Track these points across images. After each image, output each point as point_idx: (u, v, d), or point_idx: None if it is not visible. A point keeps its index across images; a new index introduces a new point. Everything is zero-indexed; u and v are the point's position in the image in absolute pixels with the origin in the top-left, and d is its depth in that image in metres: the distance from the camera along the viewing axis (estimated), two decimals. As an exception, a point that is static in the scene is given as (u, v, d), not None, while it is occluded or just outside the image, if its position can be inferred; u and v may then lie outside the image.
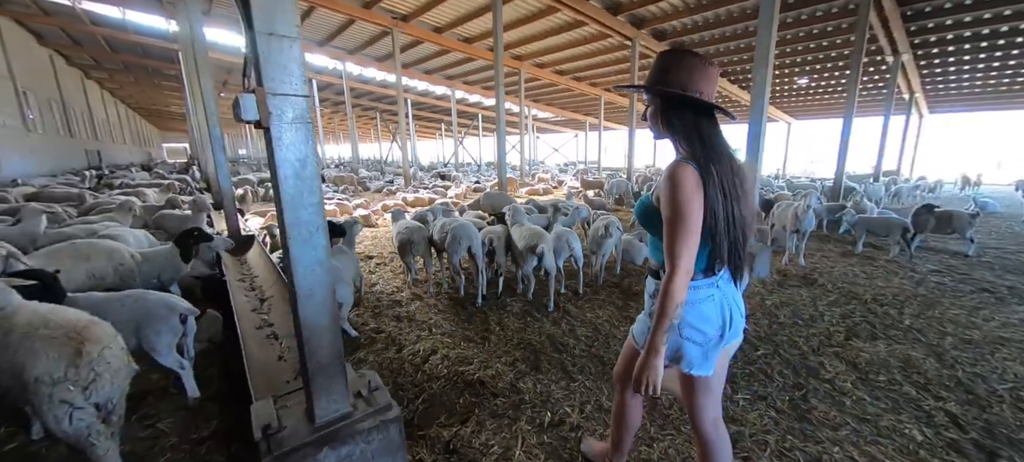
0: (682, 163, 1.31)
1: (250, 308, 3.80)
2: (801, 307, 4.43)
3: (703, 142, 1.35)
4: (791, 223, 6.07)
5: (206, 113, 5.84)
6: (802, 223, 5.98)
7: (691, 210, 1.27)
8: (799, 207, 6.00)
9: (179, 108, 32.34)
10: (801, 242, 6.12)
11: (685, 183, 1.27)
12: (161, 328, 2.70)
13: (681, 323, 1.40)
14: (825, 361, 3.33)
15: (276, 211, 1.76)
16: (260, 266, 5.14)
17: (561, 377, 3.09)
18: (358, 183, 16.00)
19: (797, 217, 6.00)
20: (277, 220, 1.75)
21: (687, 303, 1.37)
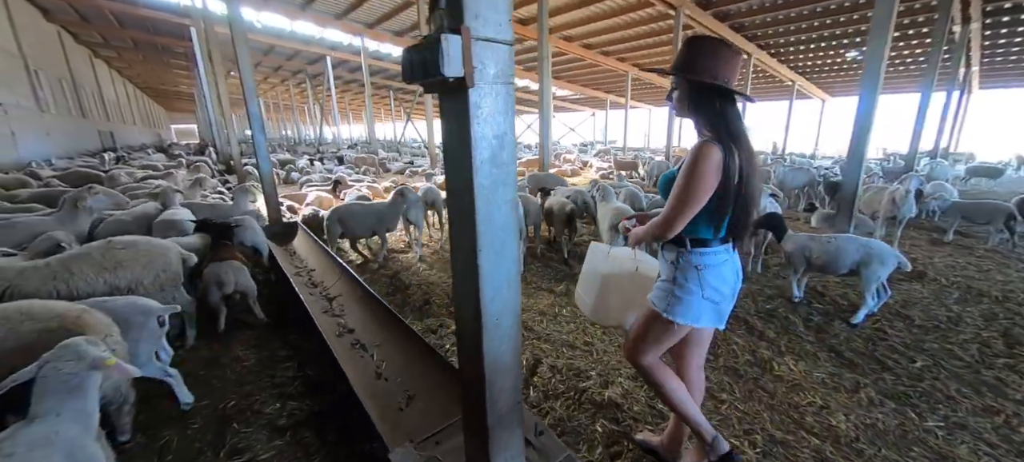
0: (710, 143, 1.43)
1: (321, 310, 3.35)
2: (930, 307, 3.91)
3: (727, 126, 1.46)
4: (886, 209, 5.50)
5: (244, 90, 5.30)
6: (901, 209, 5.40)
7: (704, 187, 1.42)
8: (897, 191, 5.42)
9: (188, 88, 31.75)
10: (898, 230, 5.56)
11: (708, 161, 1.41)
12: (139, 336, 2.21)
13: (704, 286, 1.56)
14: (1003, 376, 2.84)
15: (454, 209, 1.27)
16: (312, 256, 4.70)
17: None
18: (379, 164, 15.46)
19: (895, 202, 5.42)
20: (458, 222, 1.26)
21: (709, 266, 1.56)
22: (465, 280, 1.29)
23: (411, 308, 3.98)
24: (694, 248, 1.56)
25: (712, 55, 1.45)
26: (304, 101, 36.08)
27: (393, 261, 5.31)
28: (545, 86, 8.92)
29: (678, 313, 1.57)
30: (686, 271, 1.56)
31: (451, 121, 1.15)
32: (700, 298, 1.56)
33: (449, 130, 1.18)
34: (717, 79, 1.45)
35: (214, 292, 3.28)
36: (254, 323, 3.52)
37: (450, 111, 1.15)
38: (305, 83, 26.72)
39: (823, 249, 3.67)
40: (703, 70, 1.45)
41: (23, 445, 1.22)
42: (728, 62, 1.46)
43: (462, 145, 1.13)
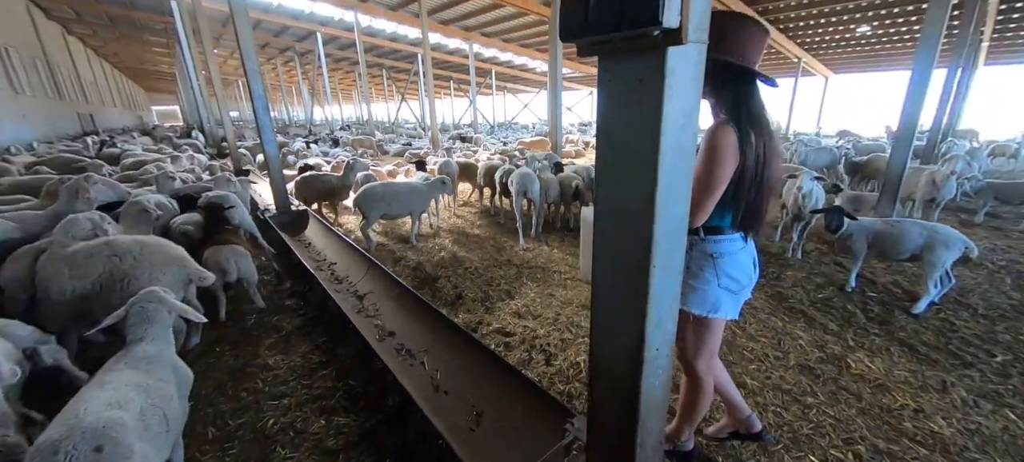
0: (725, 126, 1.34)
1: (353, 309, 3.06)
2: (988, 294, 3.75)
3: (749, 109, 1.39)
4: (925, 191, 5.31)
5: (245, 68, 4.86)
6: (940, 191, 5.22)
7: (724, 171, 1.33)
8: (938, 173, 5.22)
9: (168, 67, 30.37)
10: (935, 213, 5.38)
11: (725, 145, 1.32)
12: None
13: (720, 274, 1.50)
14: (1093, 370, 2.68)
15: (611, 214, 0.98)
16: (331, 248, 4.37)
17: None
18: (376, 146, 14.95)
19: (935, 184, 5.23)
20: (614, 232, 0.98)
21: (726, 254, 1.50)
22: (621, 307, 1.01)
23: (443, 302, 3.72)
24: (707, 236, 1.50)
25: (739, 33, 1.35)
26: (292, 81, 34.86)
27: (403, 247, 5.01)
28: (557, 65, 8.50)
29: (694, 302, 1.54)
30: (700, 261, 1.52)
31: (630, 93, 0.85)
32: (716, 287, 1.52)
33: (620, 107, 0.88)
34: (743, 59, 1.35)
35: (215, 279, 3.00)
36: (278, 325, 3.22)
37: (628, 80, 0.85)
38: (294, 61, 25.69)
39: (887, 233, 3.46)
40: (729, 49, 1.34)
41: (141, 359, 1.63)
42: (755, 41, 1.37)
43: (645, 128, 0.84)
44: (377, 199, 4.78)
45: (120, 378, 1.49)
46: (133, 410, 1.40)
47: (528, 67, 27.50)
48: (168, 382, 1.63)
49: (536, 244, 5.23)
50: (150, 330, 1.73)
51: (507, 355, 2.90)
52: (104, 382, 1.46)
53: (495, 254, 4.84)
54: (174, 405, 1.60)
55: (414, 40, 21.15)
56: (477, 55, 22.58)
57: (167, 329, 1.80)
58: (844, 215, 3.47)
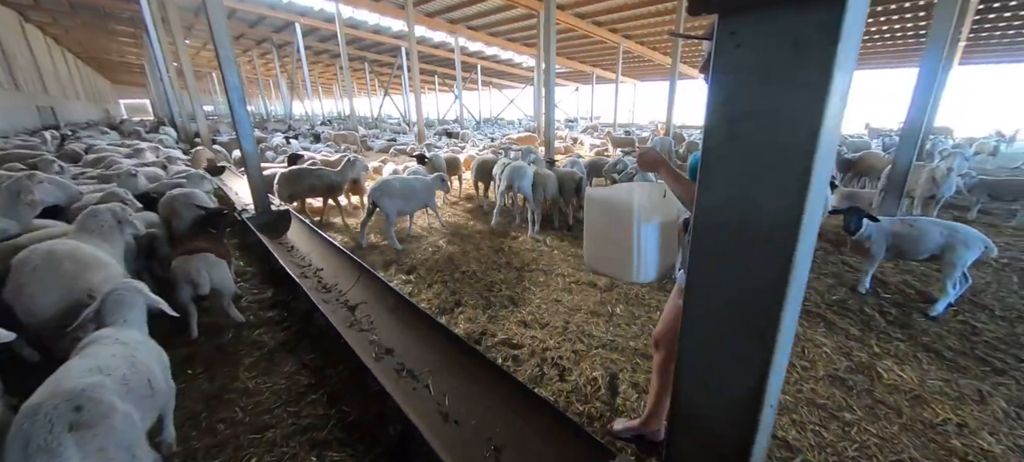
0: None
1: (344, 322, 2.76)
2: (1000, 294, 3.69)
3: None
4: (925, 188, 5.27)
5: (219, 58, 4.45)
6: (941, 188, 5.19)
7: None
8: (938, 170, 5.18)
9: (136, 58, 28.90)
10: (934, 210, 5.35)
11: None
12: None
13: None
14: (1124, 375, 2.59)
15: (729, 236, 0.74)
16: (316, 252, 4.04)
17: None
18: (360, 142, 14.44)
19: (935, 181, 5.19)
20: (736, 258, 0.73)
21: None
22: (731, 348, 0.77)
23: (441, 310, 3.44)
24: None
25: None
26: (270, 74, 33.70)
27: (382, 249, 4.69)
28: (550, 58, 8.25)
29: None
30: None
31: (776, 63, 0.61)
32: None
33: (754, 83, 0.64)
34: None
35: (185, 291, 2.74)
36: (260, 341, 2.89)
37: (773, 46, 0.60)
38: (271, 53, 24.73)
39: (907, 234, 3.34)
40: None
41: (120, 338, 1.67)
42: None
43: (796, 110, 0.60)
44: (396, 193, 4.66)
45: (102, 350, 1.57)
46: (115, 375, 1.47)
47: (514, 62, 27.19)
48: (149, 357, 1.72)
49: (535, 244, 4.99)
50: (125, 314, 1.83)
51: (516, 370, 2.65)
52: (86, 354, 1.55)
53: (493, 256, 4.58)
54: (157, 376, 1.68)
55: (398, 33, 20.59)
56: (463, 49, 22.17)
57: (142, 314, 1.91)
58: (864, 216, 3.33)
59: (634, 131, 20.31)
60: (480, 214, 6.33)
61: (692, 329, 0.84)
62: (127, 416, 1.39)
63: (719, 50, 0.66)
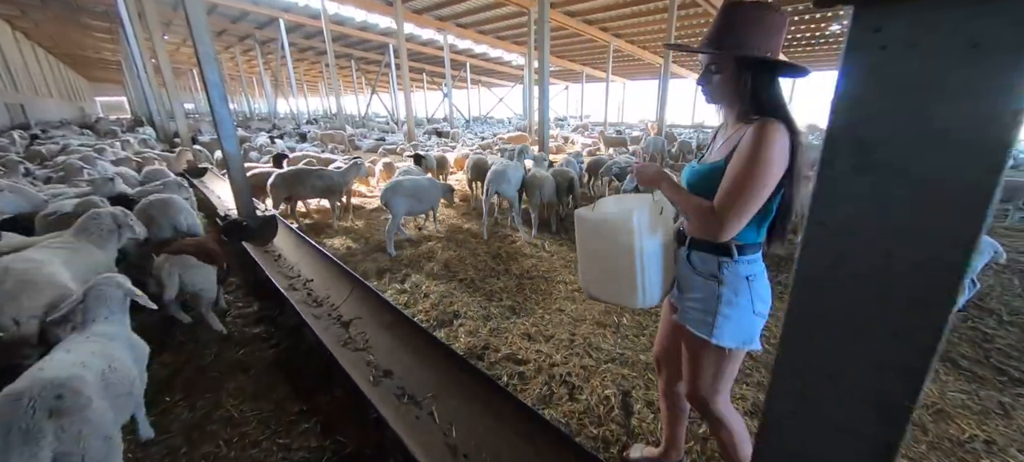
0: (775, 123, 1.15)
1: (337, 340, 2.57)
2: (1005, 297, 3.66)
3: (779, 107, 1.21)
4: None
5: (198, 54, 4.19)
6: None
7: (772, 177, 1.16)
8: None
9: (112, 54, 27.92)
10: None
11: (778, 146, 1.14)
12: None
13: (755, 298, 1.31)
14: None
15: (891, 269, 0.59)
16: (305, 261, 3.82)
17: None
18: (348, 142, 14.12)
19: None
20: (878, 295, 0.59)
21: (758, 275, 1.32)
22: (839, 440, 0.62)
23: (439, 323, 3.27)
24: (741, 256, 1.29)
25: (761, 24, 1.18)
26: (253, 71, 32.92)
27: (374, 257, 4.49)
28: (544, 55, 8.11)
29: (727, 335, 1.30)
30: (736, 284, 1.30)
31: (940, 67, 0.46)
32: (751, 314, 1.31)
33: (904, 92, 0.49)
34: (769, 53, 1.19)
35: (165, 292, 2.63)
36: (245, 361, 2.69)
37: (937, 45, 0.45)
38: (254, 50, 24.11)
39: (915, 240, 3.27)
40: (755, 44, 1.18)
41: (101, 334, 1.77)
42: (779, 31, 1.21)
43: (967, 130, 0.45)
44: (407, 194, 4.64)
45: (83, 347, 1.64)
46: (94, 370, 1.55)
47: (503, 60, 27.00)
48: (130, 354, 1.81)
49: (533, 249, 4.84)
50: (106, 310, 1.87)
51: (524, 390, 2.50)
52: (69, 348, 1.62)
53: (491, 263, 4.41)
54: (133, 374, 1.75)
55: (385, 30, 20.25)
56: (452, 47, 21.90)
57: (124, 308, 1.95)
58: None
59: (625, 130, 20.33)
60: (475, 217, 6.16)
61: (781, 391, 0.69)
62: (103, 410, 1.46)
63: (854, 51, 0.51)
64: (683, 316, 1.40)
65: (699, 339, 1.34)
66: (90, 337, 1.72)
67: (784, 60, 1.23)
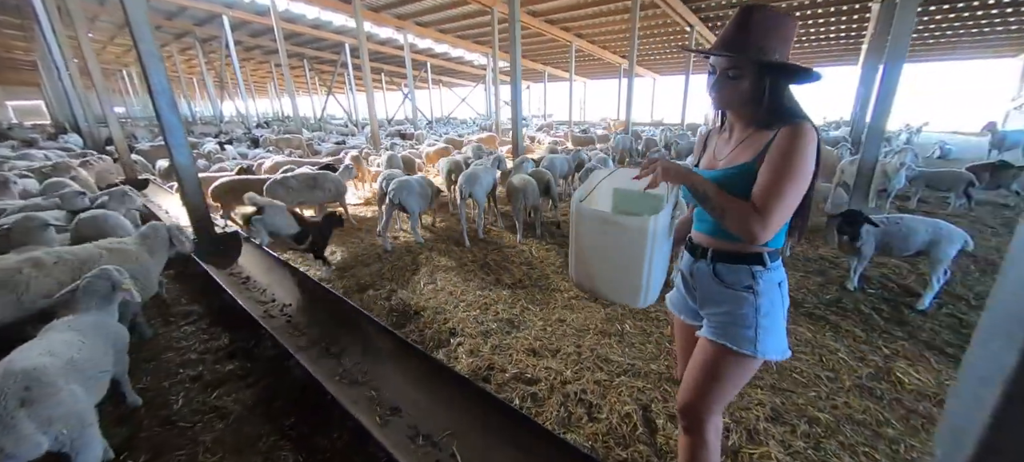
0: (807, 124, 1.17)
1: (332, 375, 2.31)
2: (967, 282, 3.93)
3: (796, 111, 1.22)
4: (878, 182, 5.60)
5: (140, 53, 3.72)
6: (892, 181, 5.53)
7: (806, 181, 1.17)
8: (889, 164, 5.52)
9: (26, 54, 24.88)
10: (887, 202, 5.71)
11: (813, 149, 1.16)
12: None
13: (785, 303, 1.30)
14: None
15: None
16: (278, 283, 3.47)
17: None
18: (306, 146, 13.33)
19: (887, 175, 5.53)
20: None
21: (784, 280, 1.31)
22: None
23: (436, 342, 3.05)
24: (772, 262, 1.28)
25: (780, 30, 1.17)
26: (193, 71, 30.57)
27: (353, 271, 4.20)
28: (515, 55, 7.96)
29: (771, 347, 1.26)
30: (771, 293, 1.27)
31: None
32: (783, 320, 1.30)
33: None
34: (787, 58, 1.20)
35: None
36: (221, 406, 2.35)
37: None
38: (194, 48, 22.31)
39: (896, 232, 3.42)
40: (775, 49, 1.17)
41: (88, 324, 1.97)
42: (792, 37, 1.22)
43: None
44: (416, 192, 4.80)
45: (57, 336, 1.80)
46: (62, 357, 1.67)
47: (465, 60, 26.64)
48: (105, 340, 1.98)
49: (521, 255, 4.69)
50: (96, 302, 2.09)
51: (539, 413, 2.34)
52: (43, 336, 1.79)
53: (480, 273, 4.22)
54: (105, 358, 1.91)
55: (339, 28, 19.36)
56: (412, 46, 21.27)
57: (110, 300, 2.15)
58: (865, 220, 3.37)
59: (590, 129, 20.61)
60: (454, 221, 5.93)
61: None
62: (72, 393, 1.60)
63: None
64: (715, 332, 1.31)
65: (737, 354, 1.26)
66: (72, 325, 1.90)
67: (803, 66, 1.21)
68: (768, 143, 1.19)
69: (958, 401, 0.60)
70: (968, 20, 14.33)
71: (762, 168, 1.19)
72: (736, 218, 1.17)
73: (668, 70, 29.03)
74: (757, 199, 1.17)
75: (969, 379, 0.56)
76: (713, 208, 1.21)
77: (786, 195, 1.14)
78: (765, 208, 1.14)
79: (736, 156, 1.29)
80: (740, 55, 1.18)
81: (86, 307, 2.04)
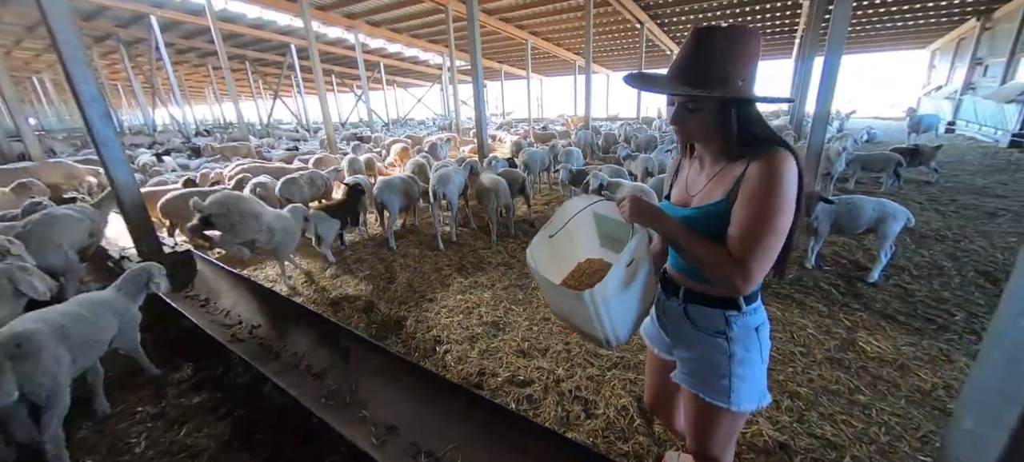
0: (785, 154, 1.01)
1: (319, 397, 2.17)
2: (906, 255, 4.30)
3: (781, 137, 1.07)
4: (821, 166, 6.03)
5: (61, 56, 3.31)
6: (834, 165, 5.97)
7: (791, 212, 1.02)
8: (831, 149, 5.96)
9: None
10: (830, 185, 6.16)
11: (793, 177, 1.01)
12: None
13: (763, 349, 1.19)
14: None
15: None
16: (241, 302, 3.23)
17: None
18: (255, 153, 12.56)
19: (829, 159, 5.97)
20: None
21: (765, 323, 1.20)
22: None
23: (422, 352, 2.95)
24: (749, 305, 1.16)
25: (744, 52, 1.01)
26: (118, 77, 27.97)
27: (336, 284, 4.01)
28: (475, 54, 7.88)
29: (746, 398, 1.17)
30: (746, 339, 1.17)
31: None
32: (761, 365, 1.20)
33: None
34: (753, 81, 1.05)
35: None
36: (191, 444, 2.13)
37: None
38: (118, 52, 20.36)
39: (846, 212, 3.68)
40: (739, 75, 1.02)
41: (100, 298, 2.37)
42: (758, 54, 1.05)
43: None
44: (398, 191, 4.88)
45: (63, 307, 2.17)
46: (52, 323, 1.98)
47: (420, 60, 26.10)
48: (108, 316, 2.31)
49: (496, 256, 4.64)
50: (129, 288, 2.50)
51: (537, 414, 2.32)
52: (49, 308, 2.14)
53: (458, 277, 4.13)
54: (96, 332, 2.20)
55: (284, 28, 18.38)
56: (363, 46, 20.55)
57: (136, 285, 2.52)
58: (820, 200, 3.61)
59: (549, 126, 20.84)
60: (425, 227, 5.78)
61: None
62: (56, 356, 1.89)
63: None
64: (687, 380, 1.25)
65: (712, 406, 1.20)
66: (86, 299, 2.28)
67: (771, 96, 1.12)
68: (739, 178, 1.06)
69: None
70: (884, 16, 15.79)
71: (736, 209, 1.05)
72: (715, 273, 1.06)
73: (621, 66, 29.91)
74: (734, 248, 1.04)
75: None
76: (689, 259, 1.13)
77: (765, 240, 1.01)
78: (744, 258, 1.02)
79: (709, 192, 1.15)
80: (697, 92, 1.03)
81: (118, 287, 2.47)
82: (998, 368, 0.80)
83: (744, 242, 1.02)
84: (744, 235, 1.02)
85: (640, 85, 1.14)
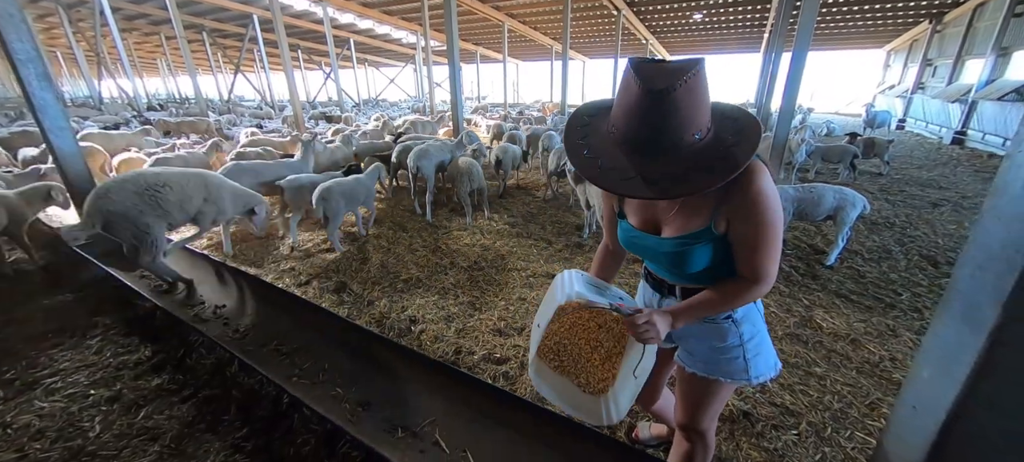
0: (759, 166, 1.01)
1: (289, 376, 2.11)
2: (860, 241, 4.57)
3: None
4: (784, 156, 6.28)
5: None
6: (795, 156, 6.24)
7: (781, 211, 1.06)
8: (792, 141, 6.21)
9: None
10: (792, 175, 6.43)
11: (771, 180, 1.02)
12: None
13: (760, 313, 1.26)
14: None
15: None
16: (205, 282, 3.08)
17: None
18: (215, 131, 11.88)
19: (790, 150, 6.23)
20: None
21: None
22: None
23: (395, 334, 2.90)
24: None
25: (700, 100, 0.90)
26: (57, 43, 25.70)
27: (302, 262, 3.89)
28: (452, 35, 7.69)
29: (763, 368, 1.24)
30: (752, 315, 1.23)
31: None
32: (768, 335, 1.29)
33: None
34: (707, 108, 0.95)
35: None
36: (154, 427, 2.02)
37: None
38: (57, 15, 18.66)
39: (808, 199, 3.86)
40: (700, 125, 0.92)
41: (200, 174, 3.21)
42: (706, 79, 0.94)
43: None
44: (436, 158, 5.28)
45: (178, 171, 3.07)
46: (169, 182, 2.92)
47: (393, 38, 25.27)
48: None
49: (473, 237, 4.61)
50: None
51: (513, 389, 2.34)
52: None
53: (433, 257, 4.08)
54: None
55: (248, -2, 17.32)
56: (333, 21, 19.67)
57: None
58: (782, 185, 3.76)
59: (525, 111, 20.73)
60: (402, 210, 5.66)
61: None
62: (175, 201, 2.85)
63: None
64: (706, 367, 1.26)
65: (731, 383, 1.24)
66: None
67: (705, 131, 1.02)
68: (719, 199, 1.04)
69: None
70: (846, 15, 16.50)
71: (738, 235, 1.05)
72: (741, 303, 1.12)
73: (597, 53, 30.03)
74: (753, 268, 1.06)
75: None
76: (715, 314, 1.16)
77: (775, 248, 1.05)
78: (762, 273, 1.06)
79: (686, 222, 1.10)
80: (670, 195, 0.94)
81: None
82: (954, 320, 0.86)
83: (756, 261, 1.05)
84: (759, 256, 1.04)
85: (629, 194, 0.97)
